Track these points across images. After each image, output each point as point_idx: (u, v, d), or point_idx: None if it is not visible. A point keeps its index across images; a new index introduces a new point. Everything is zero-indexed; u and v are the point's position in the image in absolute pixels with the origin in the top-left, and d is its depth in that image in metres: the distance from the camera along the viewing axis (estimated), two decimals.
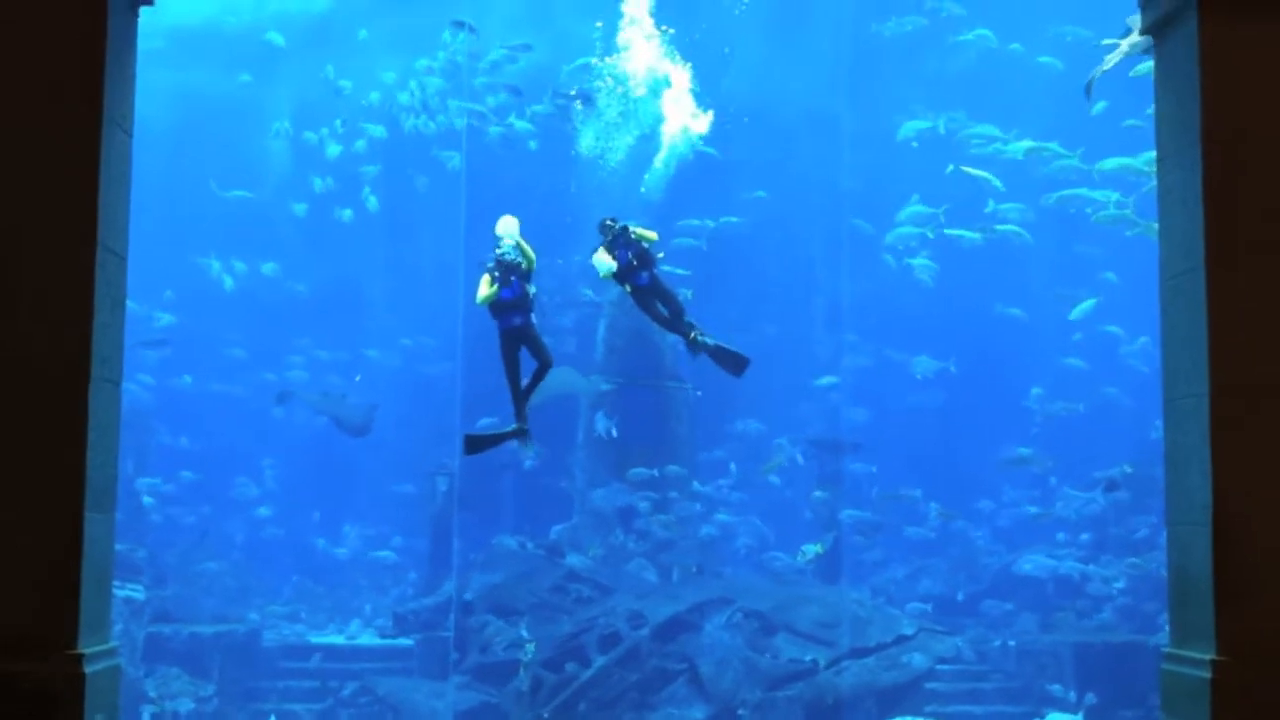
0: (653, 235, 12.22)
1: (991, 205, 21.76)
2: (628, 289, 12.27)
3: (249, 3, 25.58)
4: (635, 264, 12.03)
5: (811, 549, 20.52)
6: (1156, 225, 6.99)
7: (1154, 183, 20.09)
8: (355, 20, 25.25)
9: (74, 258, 6.47)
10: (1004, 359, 24.40)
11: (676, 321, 12.43)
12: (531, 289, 11.27)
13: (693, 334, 12.34)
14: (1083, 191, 20.91)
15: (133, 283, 7.00)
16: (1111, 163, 20.42)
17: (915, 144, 23.00)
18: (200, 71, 24.90)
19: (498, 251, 11.26)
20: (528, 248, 11.31)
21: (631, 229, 12.08)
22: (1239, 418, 6.64)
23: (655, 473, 20.48)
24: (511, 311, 11.20)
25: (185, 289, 25.05)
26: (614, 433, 20.45)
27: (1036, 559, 20.65)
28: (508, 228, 11.33)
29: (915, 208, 22.45)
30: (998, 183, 21.49)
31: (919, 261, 22.61)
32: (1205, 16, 6.79)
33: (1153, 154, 19.92)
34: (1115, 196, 20.37)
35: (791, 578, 20.24)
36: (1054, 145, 21.28)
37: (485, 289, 11.15)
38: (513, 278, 11.13)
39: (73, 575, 6.39)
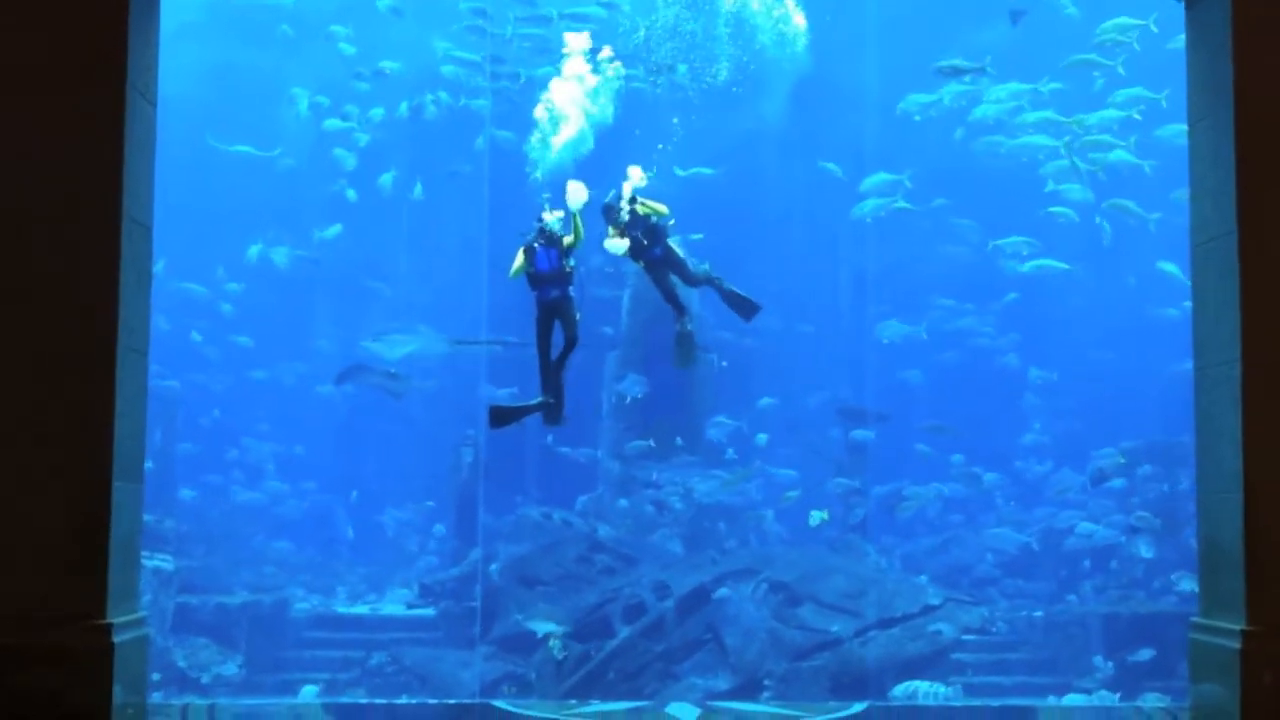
0: (662, 208, 11.82)
1: (1051, 185, 21.49)
2: (641, 264, 12.01)
3: None
4: (645, 243, 11.72)
5: (817, 515, 20.57)
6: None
7: (1088, 136, 20.48)
8: None
9: (99, 228, 6.48)
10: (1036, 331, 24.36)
11: (695, 284, 12.23)
12: (570, 263, 11.08)
13: (714, 280, 12.20)
14: (1033, 139, 21.17)
15: (187, 265, 7.02)
16: (1033, 116, 20.89)
17: (917, 117, 22.70)
18: (238, 45, 24.80)
19: (539, 223, 11.08)
20: (580, 225, 11.12)
21: (639, 204, 11.69)
22: (1272, 385, 6.57)
23: (651, 443, 20.49)
24: (549, 284, 11.02)
25: (239, 269, 25.07)
26: (628, 398, 20.42)
27: (1001, 535, 20.80)
28: (576, 196, 11.08)
29: (880, 175, 22.20)
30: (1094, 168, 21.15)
31: (1044, 262, 22.25)
32: None
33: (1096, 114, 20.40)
34: (1065, 140, 20.54)
35: (817, 548, 20.25)
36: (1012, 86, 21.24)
37: (519, 260, 10.98)
38: (551, 249, 10.98)
39: (101, 545, 6.42)
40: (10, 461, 6.39)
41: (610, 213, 11.62)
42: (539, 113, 11.76)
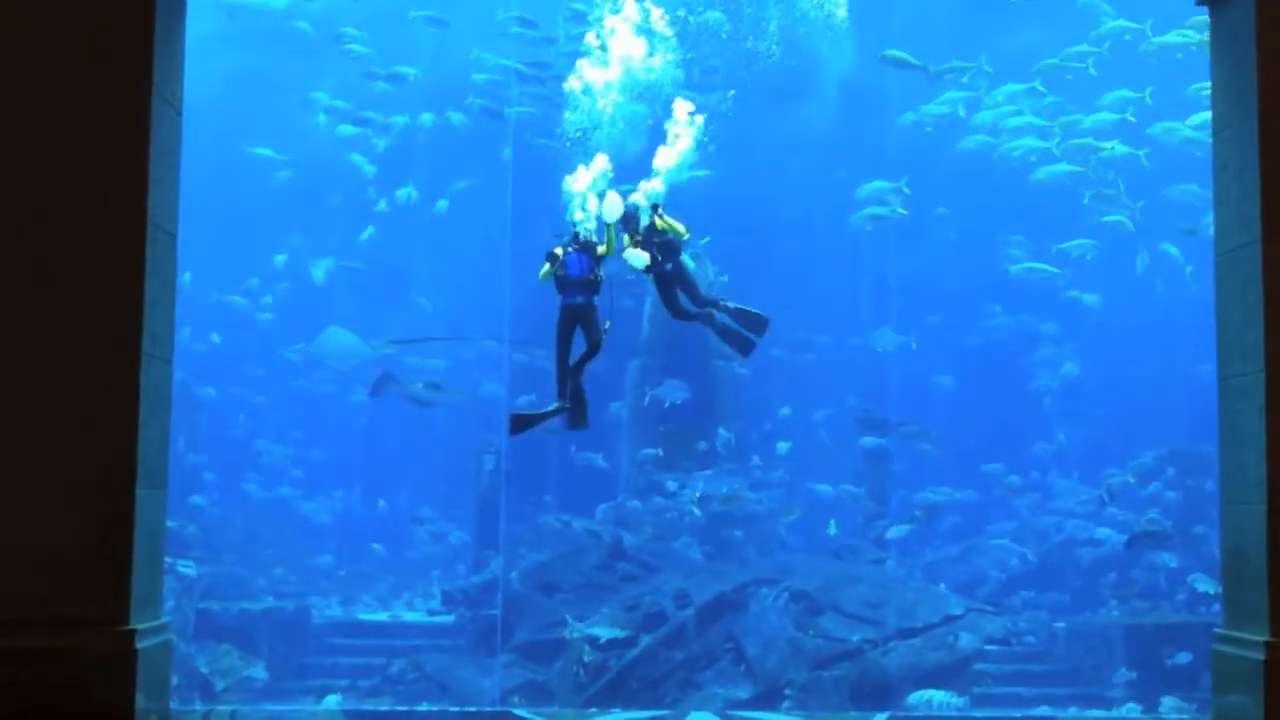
0: (681, 229, 11.48)
1: (1088, 196, 21.51)
2: (652, 278, 11.65)
3: None
4: (660, 258, 11.38)
5: (835, 526, 20.69)
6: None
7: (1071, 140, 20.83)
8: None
9: (124, 236, 6.50)
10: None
11: (695, 308, 11.98)
12: (600, 272, 10.98)
13: (709, 311, 12.00)
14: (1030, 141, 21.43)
15: (219, 273, 7.03)
16: (1017, 121, 21.40)
17: (929, 128, 22.67)
18: (263, 53, 24.86)
19: (574, 226, 10.99)
20: (613, 237, 10.98)
21: (659, 219, 11.33)
22: None
23: (659, 452, 20.51)
24: (575, 289, 10.94)
25: (272, 280, 25.17)
26: (666, 403, 20.33)
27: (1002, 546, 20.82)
28: (613, 208, 10.95)
29: (876, 183, 22.19)
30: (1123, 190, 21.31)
31: (1034, 265, 22.28)
32: None
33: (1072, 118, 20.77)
34: (1054, 143, 20.91)
35: (837, 558, 20.22)
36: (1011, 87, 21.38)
37: (549, 264, 10.84)
38: (583, 256, 10.90)
39: (124, 551, 6.44)
40: (34, 468, 6.43)
41: (631, 221, 11.47)
42: (573, 84, 11.65)
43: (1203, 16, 7.36)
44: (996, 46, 22.56)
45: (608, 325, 11.05)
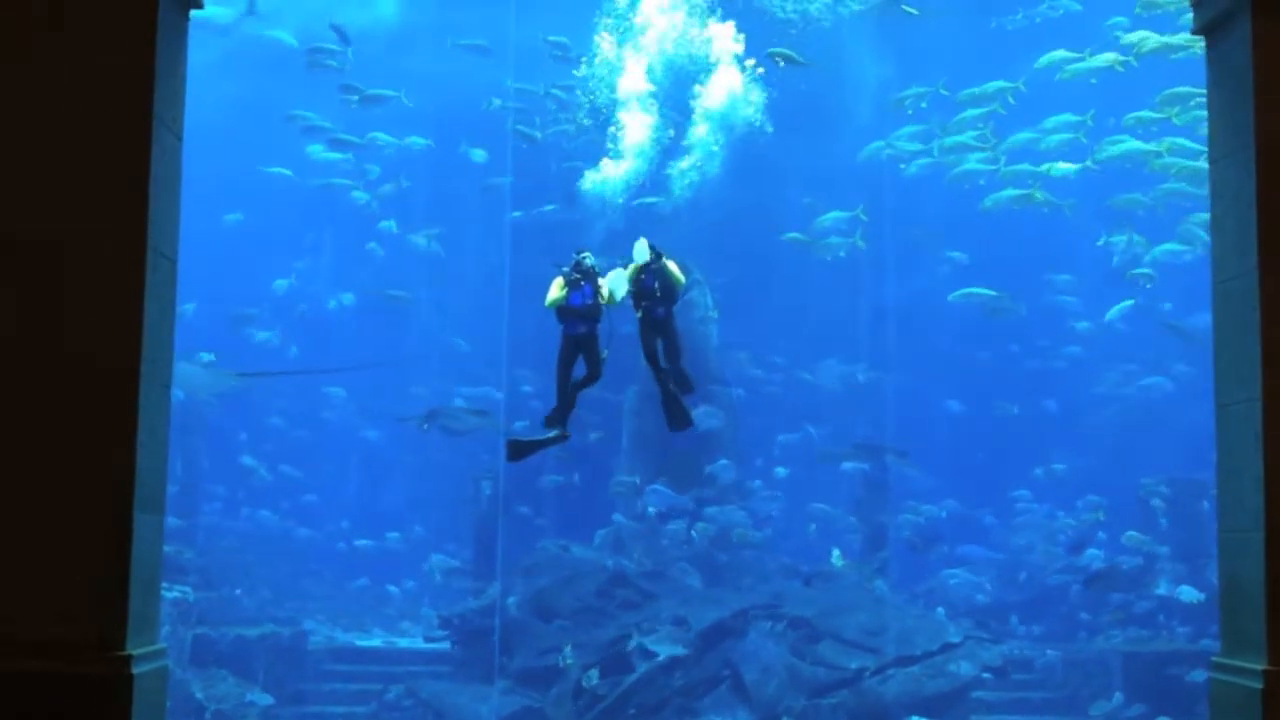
0: (680, 276, 11.60)
1: (1102, 240, 21.76)
2: (640, 314, 11.64)
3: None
4: (659, 295, 11.45)
5: (838, 554, 20.66)
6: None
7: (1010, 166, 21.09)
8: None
9: (124, 261, 6.50)
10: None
11: (669, 362, 11.88)
12: (603, 298, 10.99)
13: (668, 373, 11.81)
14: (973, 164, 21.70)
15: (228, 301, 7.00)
16: (950, 140, 21.71)
17: (904, 165, 22.77)
18: (264, 80, 24.92)
19: (578, 256, 11.08)
20: (628, 279, 11.11)
21: (666, 261, 11.45)
22: None
23: (636, 479, 20.52)
24: (578, 319, 10.99)
25: (280, 307, 25.21)
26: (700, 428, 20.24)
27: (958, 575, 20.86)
28: (641, 252, 11.10)
29: (835, 213, 22.30)
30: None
31: (973, 291, 22.40)
32: (1259, 16, 6.72)
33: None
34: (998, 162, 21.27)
35: (836, 585, 20.17)
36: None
37: (555, 292, 10.96)
38: (585, 285, 10.96)
39: (121, 576, 6.41)
40: (31, 492, 6.42)
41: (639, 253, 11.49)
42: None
43: (1138, 35, 7.43)
44: (991, 74, 22.63)
45: (605, 354, 11.12)
